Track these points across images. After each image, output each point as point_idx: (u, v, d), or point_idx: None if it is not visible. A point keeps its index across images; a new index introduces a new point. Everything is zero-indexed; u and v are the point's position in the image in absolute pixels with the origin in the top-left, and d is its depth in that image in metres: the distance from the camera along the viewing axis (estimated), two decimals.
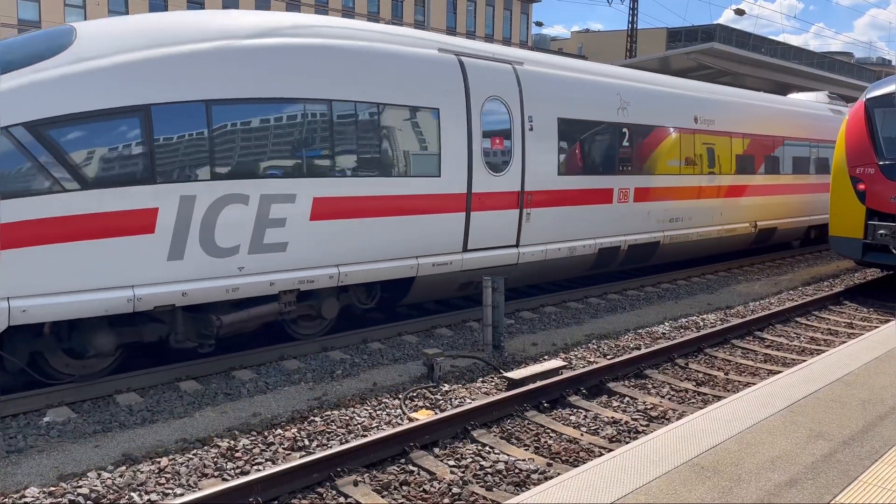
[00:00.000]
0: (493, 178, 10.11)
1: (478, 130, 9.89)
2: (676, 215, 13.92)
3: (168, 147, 7.08)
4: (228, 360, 8.17)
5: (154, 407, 6.95)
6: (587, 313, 11.46)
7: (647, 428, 6.74)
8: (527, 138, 10.60)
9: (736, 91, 16.92)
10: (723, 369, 8.82)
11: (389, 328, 9.77)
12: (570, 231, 11.53)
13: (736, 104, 15.98)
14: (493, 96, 10.14)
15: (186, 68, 7.25)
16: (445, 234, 9.63)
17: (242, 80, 7.60)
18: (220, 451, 5.92)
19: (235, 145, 7.54)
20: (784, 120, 17.40)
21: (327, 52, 8.39)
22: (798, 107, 18.68)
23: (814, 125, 18.59)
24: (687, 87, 14.88)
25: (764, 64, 22.01)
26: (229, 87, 7.49)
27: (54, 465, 5.69)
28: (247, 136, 7.61)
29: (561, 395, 7.41)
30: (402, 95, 9.02)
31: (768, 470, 4.47)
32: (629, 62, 24.56)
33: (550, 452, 6.17)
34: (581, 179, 11.59)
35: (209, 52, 7.43)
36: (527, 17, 65.95)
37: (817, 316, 11.82)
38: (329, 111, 8.26)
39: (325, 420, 6.65)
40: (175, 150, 7.13)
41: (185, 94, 7.18)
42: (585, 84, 11.95)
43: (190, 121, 7.18)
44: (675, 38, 63.40)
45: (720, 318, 11.32)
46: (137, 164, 6.90)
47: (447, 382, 7.86)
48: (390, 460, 5.87)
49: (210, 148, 7.31)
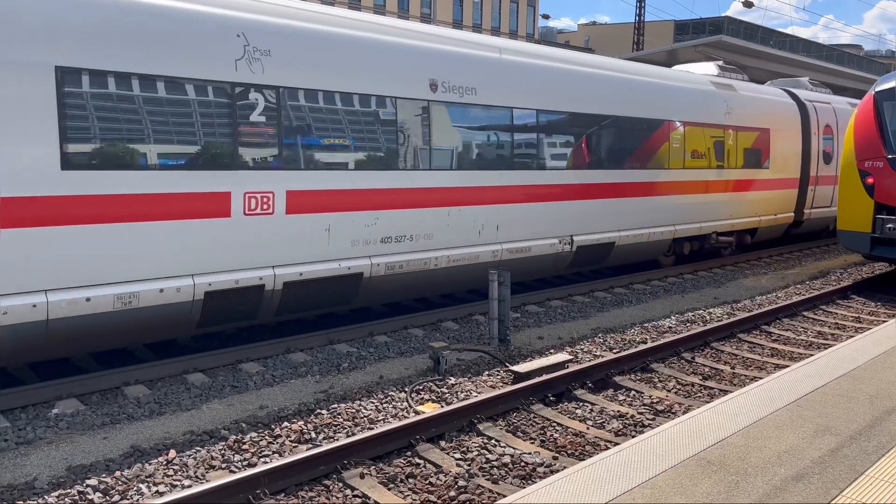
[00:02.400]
0: None
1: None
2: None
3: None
4: (235, 352, 8.19)
5: (162, 399, 6.99)
6: (593, 307, 11.45)
7: (652, 422, 6.74)
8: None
9: (519, 46, 11.53)
10: (729, 363, 8.81)
11: (395, 321, 9.78)
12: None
13: (510, 65, 10.67)
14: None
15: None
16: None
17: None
18: (227, 444, 5.95)
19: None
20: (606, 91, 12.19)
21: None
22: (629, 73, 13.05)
23: (670, 102, 13.51)
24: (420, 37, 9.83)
25: (772, 56, 21.89)
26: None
27: (63, 456, 5.74)
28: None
29: (567, 388, 7.41)
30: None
31: (775, 464, 4.47)
32: (636, 55, 24.45)
33: (556, 446, 6.18)
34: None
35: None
36: (533, 9, 65.68)
37: (824, 310, 11.78)
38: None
39: (332, 413, 6.68)
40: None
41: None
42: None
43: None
44: (683, 31, 63.03)
45: (727, 312, 11.29)
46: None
47: (453, 376, 7.87)
48: (396, 453, 5.89)
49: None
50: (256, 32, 7.82)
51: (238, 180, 7.62)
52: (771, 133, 16.20)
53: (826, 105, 18.77)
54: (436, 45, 9.84)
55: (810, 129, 17.52)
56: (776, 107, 16.81)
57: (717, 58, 20.35)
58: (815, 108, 18.04)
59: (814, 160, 17.68)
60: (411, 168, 9.25)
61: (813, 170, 17.70)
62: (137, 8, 7.04)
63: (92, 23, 6.71)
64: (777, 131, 16.41)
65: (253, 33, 7.77)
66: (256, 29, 7.84)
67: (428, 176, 9.45)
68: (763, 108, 16.17)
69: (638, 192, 12.77)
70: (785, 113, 16.96)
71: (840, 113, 19.01)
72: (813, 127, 17.62)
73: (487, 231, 10.29)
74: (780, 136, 16.47)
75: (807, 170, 17.60)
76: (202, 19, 7.44)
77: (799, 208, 17.73)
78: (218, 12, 7.60)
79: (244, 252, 7.74)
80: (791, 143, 16.96)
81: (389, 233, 9.07)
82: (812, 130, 17.57)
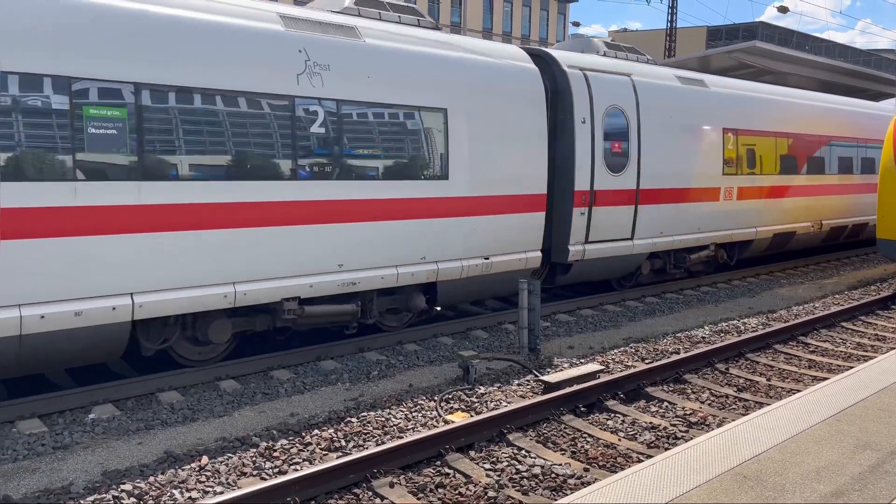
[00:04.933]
0: None
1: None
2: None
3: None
4: (267, 359, 8.27)
5: (195, 405, 7.07)
6: (625, 316, 11.33)
7: (686, 434, 6.63)
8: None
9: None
10: (765, 375, 8.63)
11: (425, 329, 9.78)
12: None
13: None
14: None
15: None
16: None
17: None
18: (258, 451, 6.00)
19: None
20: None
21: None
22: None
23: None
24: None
25: (807, 62, 21.49)
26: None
27: (99, 461, 5.83)
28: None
29: (598, 399, 7.33)
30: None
31: (813, 480, 4.36)
32: (668, 62, 24.24)
33: (587, 457, 6.11)
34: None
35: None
36: (564, 16, 65.51)
37: (864, 321, 11.49)
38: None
39: (362, 421, 6.69)
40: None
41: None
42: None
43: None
44: (716, 37, 62.32)
45: (762, 323, 11.08)
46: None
47: (483, 385, 7.84)
48: (426, 462, 5.88)
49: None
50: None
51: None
52: (450, 116, 9.29)
53: (616, 78, 11.71)
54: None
55: (573, 113, 10.92)
56: (469, 71, 9.64)
57: (753, 65, 19.93)
58: (586, 82, 11.14)
59: (584, 165, 11.03)
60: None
61: (583, 180, 11.04)
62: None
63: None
64: (470, 114, 9.49)
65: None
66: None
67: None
68: (422, 71, 9.15)
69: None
70: (500, 84, 9.96)
71: (649, 91, 12.12)
72: (580, 111, 11.01)
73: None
74: (479, 122, 9.60)
75: (568, 180, 10.97)
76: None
77: (561, 242, 11.07)
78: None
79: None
80: (517, 135, 10.08)
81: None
82: (578, 116, 10.96)
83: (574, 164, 10.98)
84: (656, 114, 12.24)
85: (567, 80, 11.02)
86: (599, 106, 11.29)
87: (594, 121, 11.22)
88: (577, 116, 10.98)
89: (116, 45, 6.77)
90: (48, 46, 6.38)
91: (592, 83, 11.26)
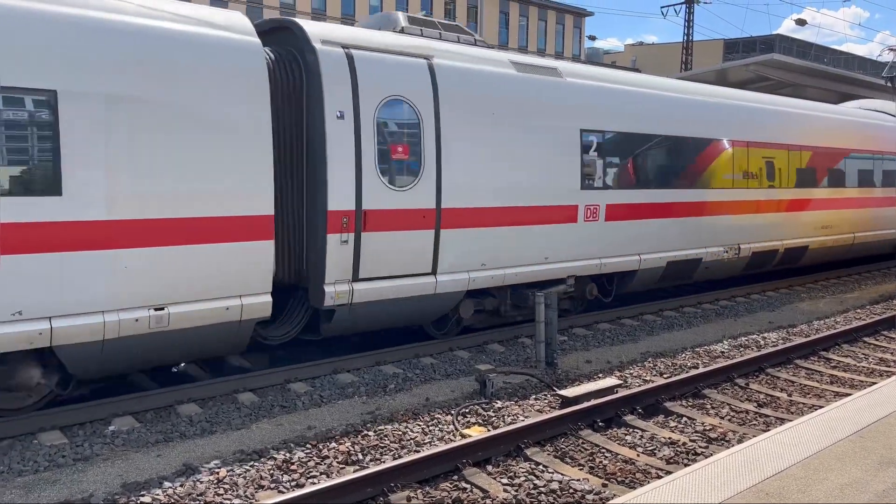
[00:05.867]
0: None
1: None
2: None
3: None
4: (285, 372, 8.30)
5: (213, 418, 7.11)
6: (642, 330, 11.25)
7: (706, 450, 6.55)
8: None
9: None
10: (786, 390, 8.52)
11: (441, 343, 9.77)
12: None
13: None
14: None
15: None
16: None
17: None
18: (276, 464, 6.01)
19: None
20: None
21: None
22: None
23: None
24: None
25: (825, 74, 21.36)
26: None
27: (118, 472, 5.87)
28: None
29: (616, 413, 7.27)
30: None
31: (837, 497, 4.29)
32: (684, 75, 24.20)
33: (606, 473, 6.05)
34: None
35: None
36: (579, 31, 65.70)
37: (887, 336, 11.32)
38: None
39: (379, 434, 6.69)
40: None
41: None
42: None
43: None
44: (733, 50, 62.19)
45: (782, 337, 10.96)
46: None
47: (500, 399, 7.81)
48: (443, 476, 5.85)
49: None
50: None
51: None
52: (63, 101, 6.31)
53: (403, 60, 8.75)
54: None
55: (323, 105, 8.02)
56: (127, 39, 6.66)
57: (772, 77, 19.85)
58: (349, 63, 8.24)
59: (342, 176, 8.11)
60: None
61: (343, 198, 8.13)
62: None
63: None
64: (114, 101, 6.53)
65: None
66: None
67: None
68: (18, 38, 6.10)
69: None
70: (183, 61, 6.98)
71: (458, 79, 9.18)
72: (335, 102, 8.09)
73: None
74: (131, 112, 6.65)
75: (319, 198, 8.12)
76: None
77: (315, 281, 8.23)
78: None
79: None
80: (209, 131, 7.11)
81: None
82: (331, 109, 8.05)
83: (325, 175, 8.02)
84: (470, 109, 9.26)
85: (317, 59, 8.06)
86: (371, 96, 8.35)
87: (360, 116, 8.24)
88: (329, 109, 8.03)
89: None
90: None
91: (360, 66, 8.30)
